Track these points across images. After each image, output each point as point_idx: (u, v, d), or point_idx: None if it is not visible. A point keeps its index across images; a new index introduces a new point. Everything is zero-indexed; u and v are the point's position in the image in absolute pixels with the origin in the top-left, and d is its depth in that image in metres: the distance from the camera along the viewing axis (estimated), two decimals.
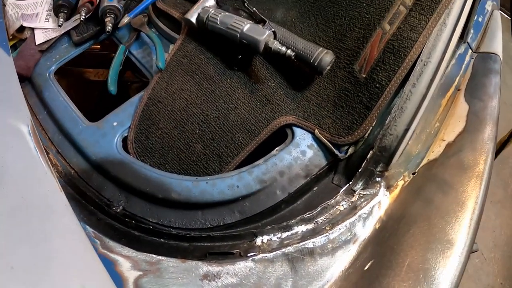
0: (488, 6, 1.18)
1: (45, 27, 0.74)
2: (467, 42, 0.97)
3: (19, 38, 0.76)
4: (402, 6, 0.59)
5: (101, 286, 0.37)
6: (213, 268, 0.45)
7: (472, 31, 1.01)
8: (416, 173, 0.59)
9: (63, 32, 0.73)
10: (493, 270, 1.60)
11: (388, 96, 0.55)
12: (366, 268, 0.47)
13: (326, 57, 0.55)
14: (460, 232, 0.50)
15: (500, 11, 1.51)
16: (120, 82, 0.66)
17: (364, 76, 0.57)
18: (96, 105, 0.96)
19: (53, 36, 0.73)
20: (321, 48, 0.56)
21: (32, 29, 0.74)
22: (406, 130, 0.55)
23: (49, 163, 0.44)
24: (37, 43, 0.72)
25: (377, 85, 0.56)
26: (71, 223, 0.40)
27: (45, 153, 0.45)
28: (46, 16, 0.75)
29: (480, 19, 1.10)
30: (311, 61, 0.56)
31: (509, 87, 1.96)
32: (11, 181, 0.40)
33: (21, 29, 0.75)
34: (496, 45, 1.00)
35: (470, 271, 1.58)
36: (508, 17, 1.80)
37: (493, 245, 1.62)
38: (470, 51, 0.96)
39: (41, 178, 0.43)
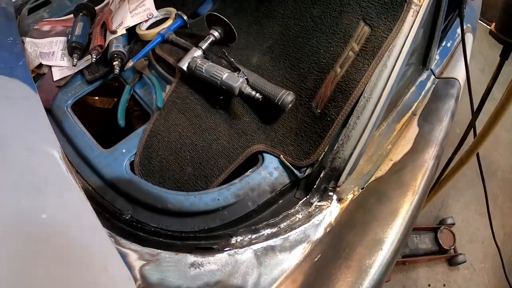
0: (459, 30, 1.41)
1: (61, 65, 0.98)
2: (431, 69, 1.20)
3: (37, 73, 1.00)
4: (351, 51, 0.82)
5: (118, 267, 0.59)
6: (198, 258, 0.67)
7: (437, 57, 1.25)
8: (364, 188, 0.82)
9: (76, 70, 0.97)
10: (484, 281, 1.80)
11: (337, 127, 0.78)
12: (315, 259, 0.70)
13: (287, 98, 0.79)
14: (389, 233, 0.73)
15: (480, 21, 1.74)
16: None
17: (319, 111, 0.81)
18: (102, 127, 1.20)
19: (69, 74, 0.96)
20: (284, 90, 0.80)
21: (49, 67, 0.99)
22: (351, 154, 0.78)
23: (77, 181, 0.68)
24: (54, 79, 0.96)
25: (328, 119, 0.79)
26: (97, 224, 0.63)
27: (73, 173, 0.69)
28: (61, 55, 0.99)
29: (448, 44, 1.34)
30: (276, 101, 0.79)
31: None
32: (53, 193, 0.63)
33: (39, 65, 0.99)
34: (458, 70, 1.23)
35: (460, 282, 1.77)
36: (488, 27, 2.04)
37: (483, 256, 1.82)
38: (432, 77, 1.20)
39: (73, 191, 0.66)
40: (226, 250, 0.69)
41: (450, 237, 1.65)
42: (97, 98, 1.23)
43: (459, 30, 1.36)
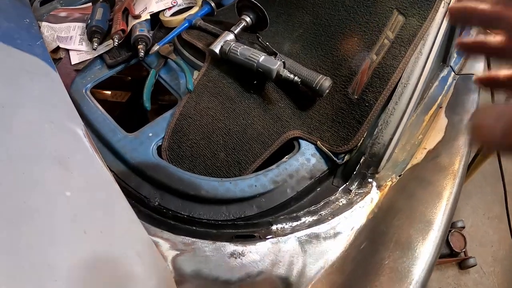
0: (474, 31, 1.45)
1: (79, 50, 0.94)
2: (450, 66, 1.22)
3: (53, 58, 0.95)
4: (386, 39, 0.82)
5: (151, 253, 0.54)
6: (238, 247, 0.62)
7: (455, 55, 1.27)
8: (401, 175, 0.80)
9: (96, 55, 0.93)
10: (493, 284, 1.78)
11: (376, 112, 0.77)
12: (361, 247, 0.66)
13: (325, 83, 0.77)
14: (437, 214, 0.69)
15: None
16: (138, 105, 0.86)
17: (356, 97, 0.79)
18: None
19: (88, 58, 0.92)
20: (321, 75, 0.78)
21: (67, 50, 0.95)
22: (391, 139, 0.76)
23: (102, 159, 0.62)
24: (72, 63, 0.92)
25: (366, 104, 0.78)
26: (126, 205, 0.58)
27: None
28: (80, 40, 0.95)
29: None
30: (313, 85, 0.77)
31: None
32: (77, 170, 0.57)
33: (56, 49, 0.95)
34: (477, 66, 1.25)
35: (470, 285, 1.75)
36: None
37: (492, 259, 1.81)
38: (452, 73, 1.21)
39: (98, 170, 0.60)
40: (268, 238, 0.65)
41: (461, 240, 1.63)
42: (109, 92, 1.18)
43: (472, 31, 1.40)
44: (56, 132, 0.61)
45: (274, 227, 0.68)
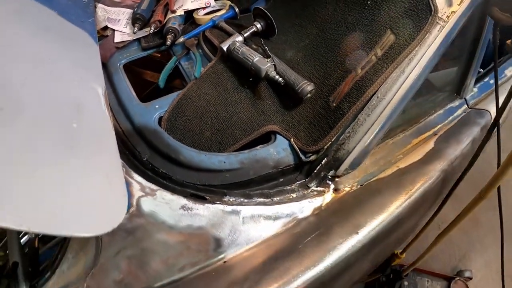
0: (509, 72, 1.45)
1: (123, 31, 1.19)
2: (465, 99, 1.25)
3: (101, 34, 1.21)
4: (374, 56, 0.91)
5: (117, 182, 0.71)
6: (190, 203, 0.77)
7: (475, 90, 1.29)
8: (363, 186, 0.89)
9: (135, 38, 1.17)
10: None
11: (347, 120, 0.87)
12: (294, 232, 0.77)
13: (307, 88, 0.90)
14: (369, 222, 0.78)
15: None
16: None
17: (334, 105, 0.91)
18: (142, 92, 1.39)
19: (128, 39, 1.16)
20: (305, 81, 0.91)
21: (113, 30, 1.20)
22: (354, 147, 0.86)
23: (111, 114, 0.83)
24: (115, 41, 1.17)
25: (340, 112, 0.89)
26: (114, 147, 0.76)
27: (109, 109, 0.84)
28: (125, 23, 1.19)
29: (492, 81, 1.37)
30: (296, 88, 0.91)
31: None
32: (87, 114, 0.77)
33: (105, 28, 1.21)
34: (492, 104, 1.26)
35: None
36: None
37: None
38: (465, 106, 1.24)
39: (103, 119, 0.80)
40: (216, 203, 0.79)
41: None
42: (149, 72, 1.43)
43: (507, 72, 1.40)
44: (81, 86, 0.83)
45: (226, 198, 0.82)
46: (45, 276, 0.68)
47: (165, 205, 0.76)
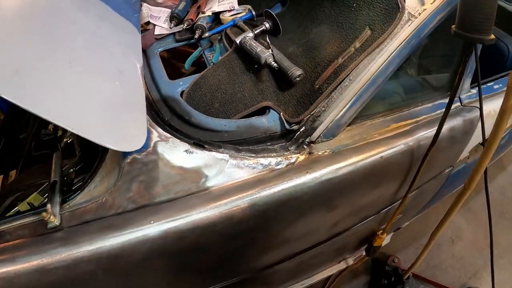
0: None
1: (161, 26, 1.49)
2: (459, 98, 1.38)
3: (144, 28, 1.52)
4: (353, 48, 1.11)
5: (142, 124, 0.98)
6: (191, 148, 0.99)
7: (473, 91, 1.41)
8: (334, 152, 1.08)
9: (171, 32, 1.47)
10: None
11: (323, 98, 1.08)
12: (267, 176, 0.99)
13: (295, 72, 1.12)
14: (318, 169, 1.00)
15: None
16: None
17: (317, 87, 1.12)
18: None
19: (165, 33, 1.46)
20: (295, 67, 1.13)
21: (154, 25, 1.51)
22: (326, 119, 1.06)
23: (144, 83, 1.11)
24: (155, 34, 1.47)
25: (320, 92, 1.09)
26: (143, 102, 1.03)
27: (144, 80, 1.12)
28: (164, 20, 1.50)
29: (496, 87, 1.49)
30: (288, 73, 1.14)
31: None
32: (127, 77, 1.05)
33: (147, 23, 1.52)
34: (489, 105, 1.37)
35: None
36: None
37: None
38: (457, 104, 1.37)
39: (138, 84, 1.08)
40: (212, 151, 1.02)
41: None
42: (182, 64, 1.74)
43: None
44: (125, 59, 1.13)
45: (220, 149, 1.04)
46: (76, 193, 0.93)
47: (173, 148, 1.01)
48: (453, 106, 1.36)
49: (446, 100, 1.34)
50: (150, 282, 1.02)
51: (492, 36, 0.81)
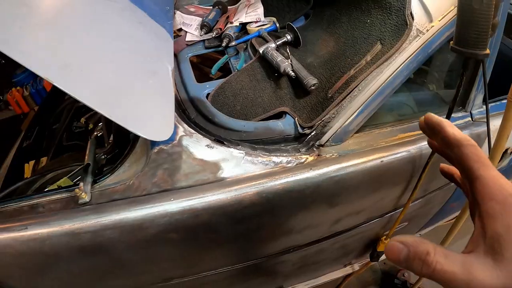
0: None
1: (192, 33, 1.65)
2: (470, 112, 1.44)
3: (176, 34, 1.68)
4: (364, 61, 1.22)
5: (170, 118, 1.12)
6: (212, 143, 1.13)
7: (483, 107, 1.47)
8: (341, 155, 1.19)
9: (200, 39, 1.62)
10: None
11: (334, 105, 1.18)
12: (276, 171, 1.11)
13: (311, 81, 1.24)
14: (321, 168, 1.10)
15: None
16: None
17: (329, 95, 1.23)
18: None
19: (195, 40, 1.61)
20: (311, 77, 1.25)
21: (186, 32, 1.67)
22: (335, 125, 1.17)
23: (175, 84, 1.25)
24: (186, 40, 1.63)
25: (332, 100, 1.20)
26: (172, 100, 1.17)
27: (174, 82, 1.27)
28: (195, 28, 1.65)
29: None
30: (304, 81, 1.25)
31: None
32: (160, 77, 1.20)
33: (180, 29, 1.68)
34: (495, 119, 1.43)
35: None
36: None
37: None
38: (468, 119, 1.44)
39: (168, 84, 1.23)
40: (230, 148, 1.14)
41: None
42: (209, 69, 1.88)
43: None
44: (158, 61, 1.28)
45: (238, 147, 1.17)
46: (106, 175, 1.06)
47: (196, 142, 1.14)
48: (463, 121, 1.43)
49: (457, 115, 1.42)
50: (164, 254, 1.15)
51: (487, 51, 0.88)
